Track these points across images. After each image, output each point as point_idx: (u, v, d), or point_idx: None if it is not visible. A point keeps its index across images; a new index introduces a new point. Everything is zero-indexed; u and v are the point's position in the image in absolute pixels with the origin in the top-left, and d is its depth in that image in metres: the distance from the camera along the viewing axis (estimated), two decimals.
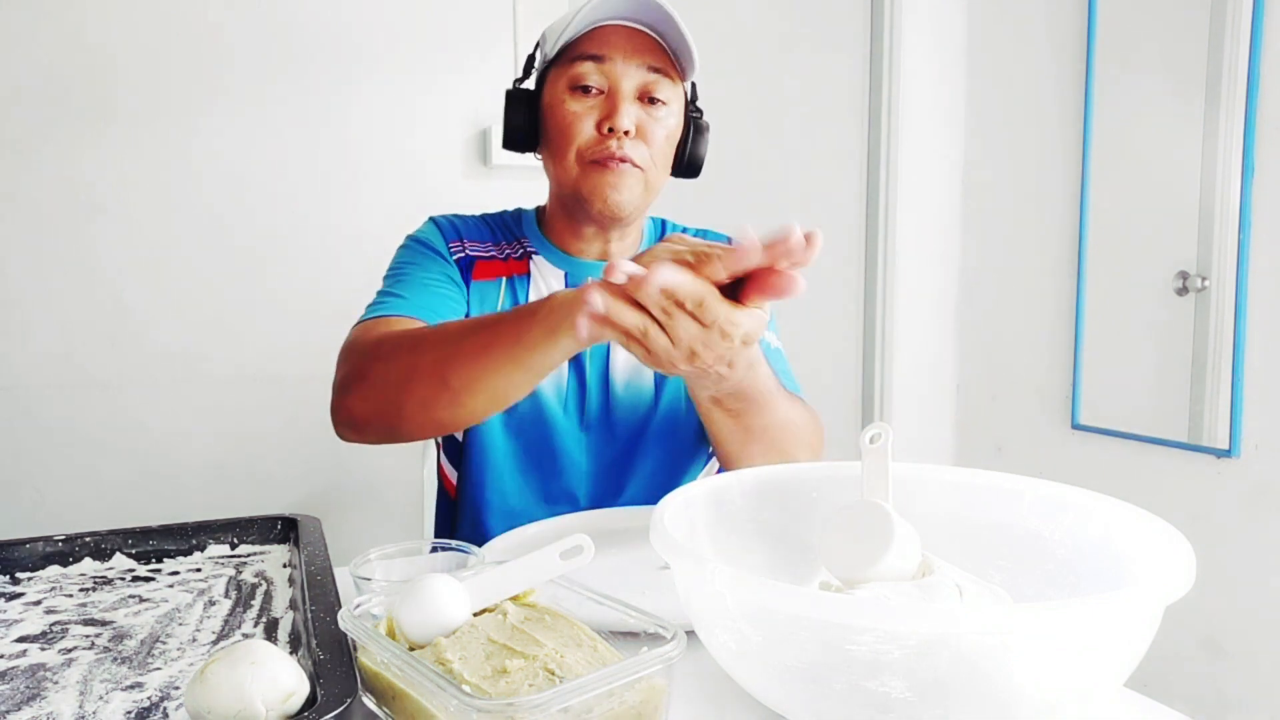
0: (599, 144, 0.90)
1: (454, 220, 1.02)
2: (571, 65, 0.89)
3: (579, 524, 0.89)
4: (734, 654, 0.49)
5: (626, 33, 0.88)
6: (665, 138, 0.93)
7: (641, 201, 0.94)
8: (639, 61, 0.89)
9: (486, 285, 0.98)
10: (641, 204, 0.94)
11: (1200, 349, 1.69)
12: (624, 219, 0.94)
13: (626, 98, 0.89)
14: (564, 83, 0.90)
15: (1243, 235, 1.59)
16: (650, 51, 0.89)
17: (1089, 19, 1.85)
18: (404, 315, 0.87)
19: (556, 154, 0.93)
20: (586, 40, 0.88)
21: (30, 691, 0.50)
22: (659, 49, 0.90)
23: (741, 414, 0.79)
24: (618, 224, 0.96)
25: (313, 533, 0.73)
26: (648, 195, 0.95)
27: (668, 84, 0.91)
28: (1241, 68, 1.59)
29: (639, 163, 0.91)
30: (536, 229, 1.03)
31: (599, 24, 0.88)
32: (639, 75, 0.90)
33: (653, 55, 0.90)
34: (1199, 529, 1.49)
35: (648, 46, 0.89)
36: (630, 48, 0.89)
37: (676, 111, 0.94)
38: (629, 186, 0.91)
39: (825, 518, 0.61)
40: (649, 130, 0.91)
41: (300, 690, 0.45)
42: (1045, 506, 0.61)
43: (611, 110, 0.89)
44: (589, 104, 0.90)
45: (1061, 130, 1.94)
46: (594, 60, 0.88)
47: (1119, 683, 0.48)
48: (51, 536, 0.71)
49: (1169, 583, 0.44)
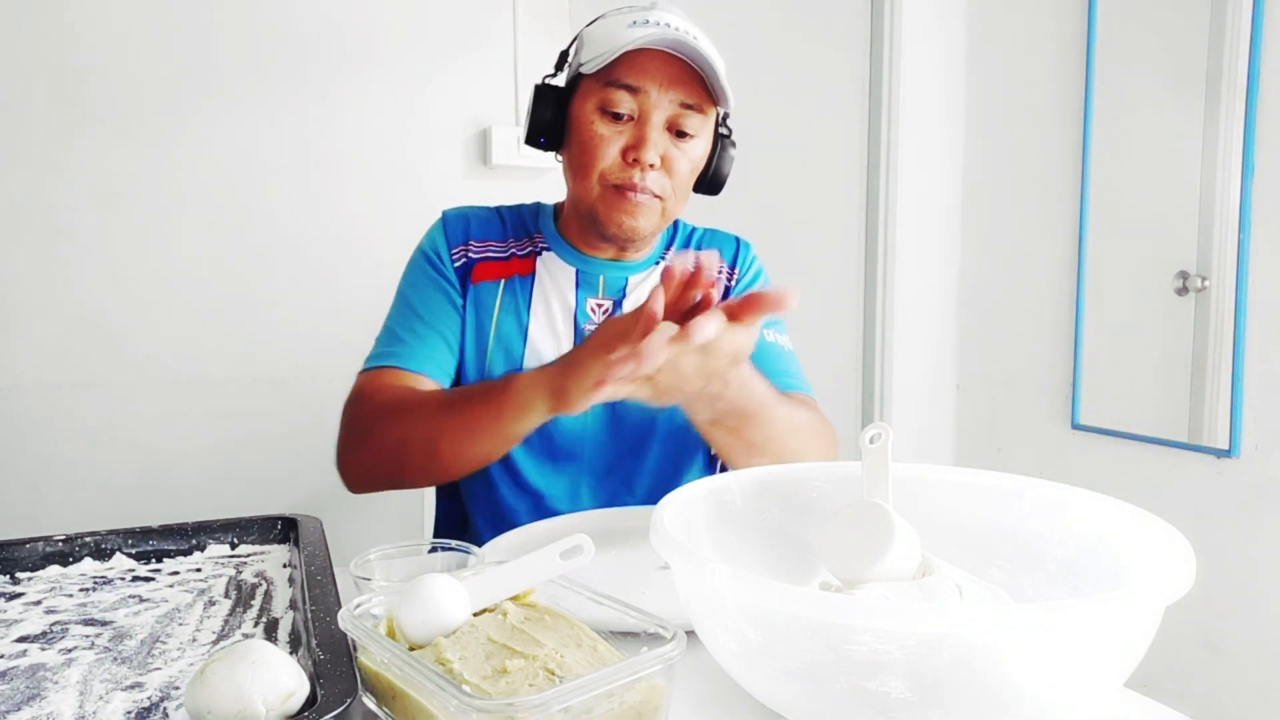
0: (622, 171, 0.89)
1: (466, 216, 1.02)
2: (605, 89, 0.88)
3: (579, 524, 0.89)
4: (734, 654, 0.49)
5: (664, 60, 0.87)
6: (690, 170, 0.93)
7: (657, 227, 0.95)
8: (673, 94, 0.88)
9: (484, 288, 0.99)
10: (658, 229, 0.96)
11: (1200, 349, 1.69)
12: (637, 243, 0.97)
13: (656, 129, 0.88)
14: (595, 102, 0.89)
15: (1243, 235, 1.59)
16: (686, 84, 0.88)
17: (1089, 19, 1.85)
18: (404, 369, 0.93)
19: (579, 171, 0.92)
20: (625, 66, 0.87)
21: (30, 691, 0.50)
22: (695, 81, 0.88)
23: (740, 429, 0.80)
24: (630, 246, 0.98)
25: (313, 533, 0.73)
26: (664, 222, 0.96)
27: (698, 118, 0.91)
28: (1241, 68, 1.58)
29: (659, 193, 0.91)
30: (553, 225, 1.03)
31: (639, 46, 0.86)
32: (670, 108, 0.89)
33: (687, 89, 0.88)
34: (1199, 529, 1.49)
35: (684, 78, 0.88)
36: (666, 78, 0.87)
37: (704, 141, 0.94)
38: (646, 215, 0.92)
39: (825, 518, 0.61)
40: (674, 163, 0.91)
41: (300, 690, 0.45)
42: (1045, 506, 0.61)
43: (640, 141, 0.88)
44: (618, 129, 0.89)
45: (1061, 130, 1.94)
46: (628, 90, 0.87)
47: (1119, 683, 0.48)
48: (51, 536, 0.71)
49: (1169, 583, 0.44)
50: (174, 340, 1.53)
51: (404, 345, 0.95)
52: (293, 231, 1.60)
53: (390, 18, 1.64)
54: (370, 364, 0.95)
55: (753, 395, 0.76)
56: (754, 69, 2.01)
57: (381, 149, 1.65)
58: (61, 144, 1.43)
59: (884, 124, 2.15)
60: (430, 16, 1.67)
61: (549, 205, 1.06)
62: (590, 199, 0.92)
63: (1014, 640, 0.43)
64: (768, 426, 0.80)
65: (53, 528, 0.74)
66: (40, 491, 1.45)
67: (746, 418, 0.78)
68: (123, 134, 1.47)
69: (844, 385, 2.24)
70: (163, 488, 1.52)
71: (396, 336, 0.96)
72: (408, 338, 0.95)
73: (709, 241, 1.09)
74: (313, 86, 1.59)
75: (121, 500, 1.49)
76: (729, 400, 0.73)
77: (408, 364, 0.93)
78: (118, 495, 1.49)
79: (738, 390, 0.73)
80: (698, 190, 0.99)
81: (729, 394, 0.72)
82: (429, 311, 0.97)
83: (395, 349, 0.95)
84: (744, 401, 0.75)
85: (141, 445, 1.51)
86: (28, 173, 1.42)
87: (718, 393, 0.71)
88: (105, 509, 1.48)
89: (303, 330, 1.60)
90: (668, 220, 0.96)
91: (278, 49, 1.56)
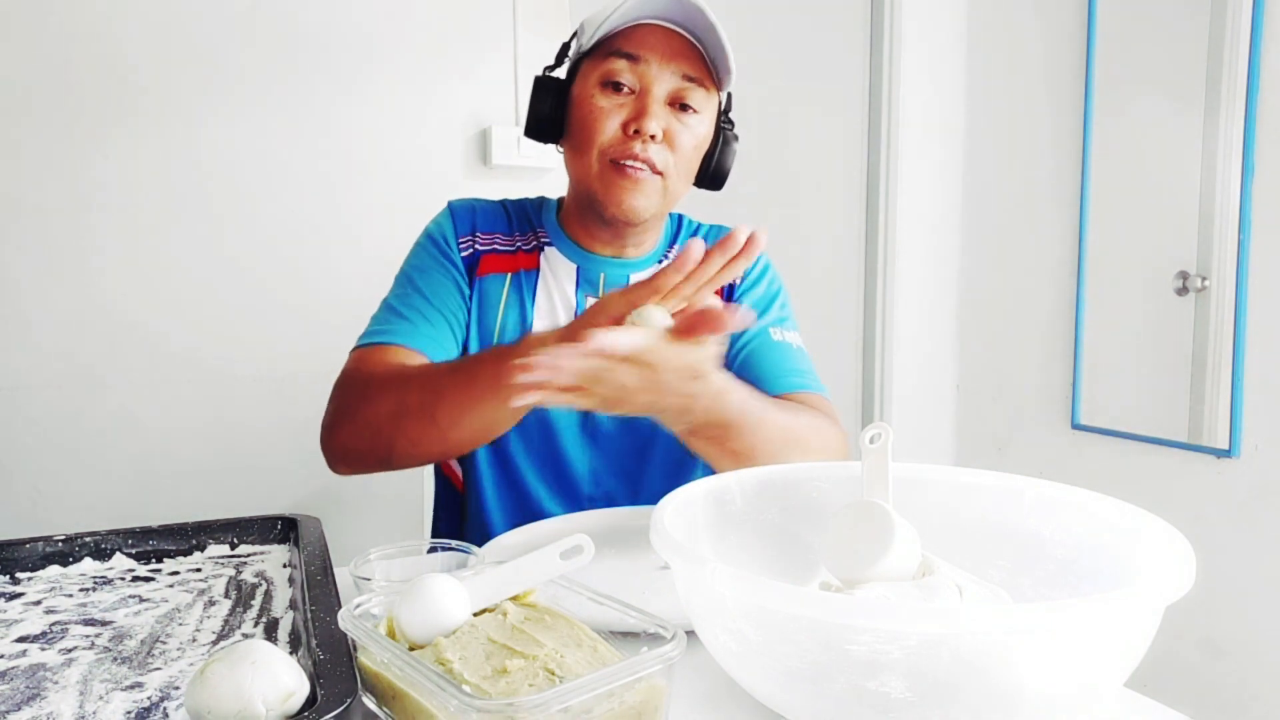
0: (623, 144, 0.88)
1: (473, 207, 1.01)
2: (605, 60, 0.87)
3: (579, 524, 0.89)
4: (734, 654, 0.49)
5: (665, 34, 0.86)
6: (693, 147, 0.92)
7: (658, 209, 0.93)
8: (674, 67, 0.87)
9: (491, 281, 0.97)
10: (658, 211, 0.94)
11: (1200, 349, 1.69)
12: (637, 225, 0.94)
13: (657, 101, 0.87)
14: (595, 77, 0.88)
15: (1243, 235, 1.59)
16: (687, 57, 0.87)
17: (1089, 19, 1.85)
18: (402, 346, 0.88)
19: (579, 149, 0.91)
20: (624, 37, 0.86)
21: (30, 691, 0.50)
22: (696, 56, 0.87)
23: (722, 439, 0.77)
24: (630, 229, 0.95)
25: (313, 533, 0.73)
26: (665, 203, 0.93)
27: (701, 93, 0.89)
28: (1241, 68, 1.58)
29: (660, 168, 0.89)
30: (555, 220, 1.02)
31: (639, 21, 0.85)
32: (672, 81, 0.88)
33: (689, 62, 0.87)
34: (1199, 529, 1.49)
35: (685, 51, 0.87)
36: (667, 51, 0.86)
37: (708, 120, 0.92)
38: (646, 193, 0.90)
39: (825, 518, 0.61)
40: (676, 137, 0.89)
41: (300, 690, 0.45)
42: (1045, 506, 0.61)
43: (640, 112, 0.87)
44: (618, 102, 0.88)
45: (1061, 131, 1.94)
46: (628, 59, 0.86)
47: (1119, 683, 0.48)
48: (51, 536, 0.71)
49: (1169, 583, 0.44)
50: (174, 340, 1.53)
51: (405, 323, 0.90)
52: (293, 231, 1.60)
53: (390, 18, 1.64)
54: (366, 340, 0.90)
55: (729, 406, 0.74)
56: (754, 69, 2.01)
57: (382, 149, 1.65)
58: (62, 144, 1.43)
59: (884, 124, 2.15)
60: (430, 16, 1.67)
61: (552, 199, 1.05)
62: (590, 178, 0.91)
63: (1014, 640, 0.43)
64: (750, 435, 0.77)
65: (53, 528, 0.74)
66: (40, 491, 1.45)
67: (725, 428, 0.75)
68: (123, 135, 1.47)
69: (844, 385, 2.24)
70: (163, 488, 1.52)
71: (397, 313, 0.92)
72: (410, 315, 0.91)
73: (715, 238, 1.08)
74: (312, 86, 1.59)
75: (121, 500, 1.49)
76: (701, 412, 0.71)
77: (408, 341, 0.89)
78: (118, 495, 1.49)
79: (709, 403, 0.71)
80: (699, 185, 0.98)
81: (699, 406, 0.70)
82: (434, 293, 0.94)
83: (395, 325, 0.90)
84: (719, 413, 0.73)
85: (142, 445, 1.51)
86: (29, 173, 1.42)
87: (684, 406, 0.69)
88: (105, 509, 1.48)
89: (304, 330, 1.60)
90: (669, 202, 0.94)
91: (278, 49, 1.56)
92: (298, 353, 1.60)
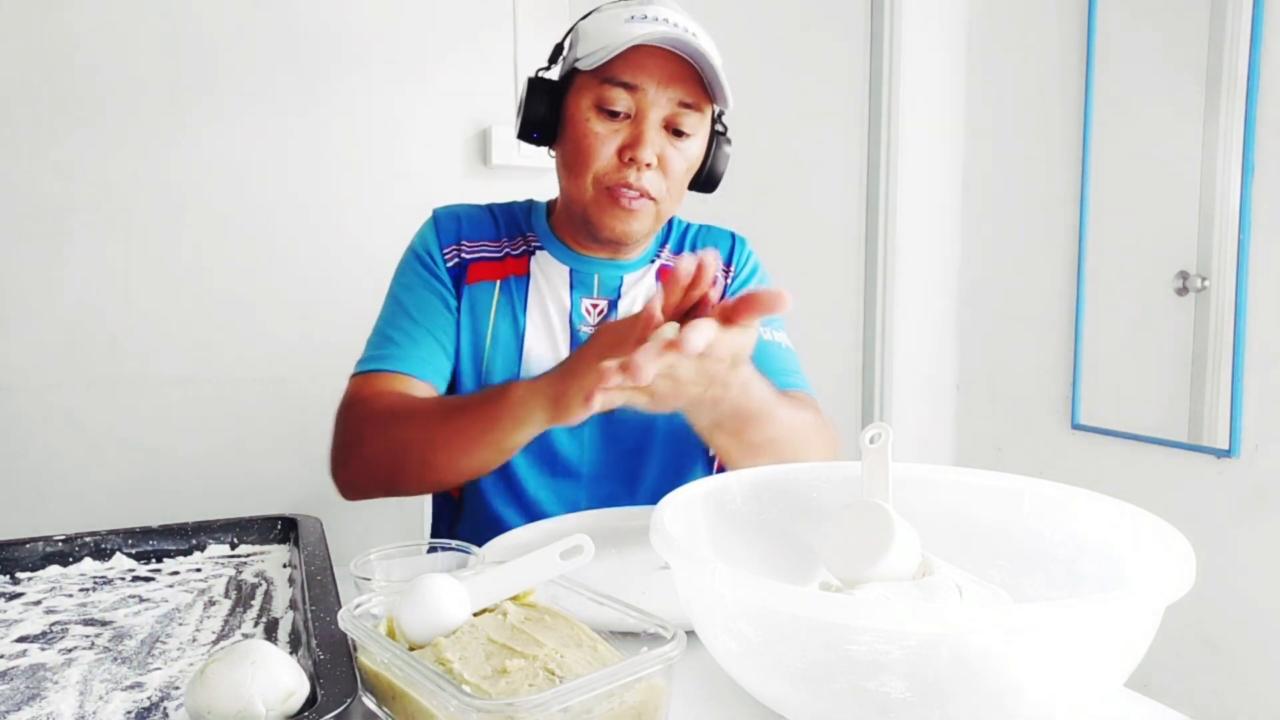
0: (618, 171, 0.88)
1: (458, 215, 1.01)
2: (602, 87, 0.87)
3: (579, 524, 0.89)
4: (734, 654, 0.49)
5: (663, 58, 0.85)
6: (685, 170, 0.92)
7: (651, 229, 0.94)
8: (671, 93, 0.87)
9: (480, 289, 0.97)
10: (651, 230, 0.95)
11: (1200, 349, 1.69)
12: (629, 246, 0.96)
13: (653, 127, 0.87)
14: (591, 99, 0.88)
15: (1243, 235, 1.59)
16: (684, 81, 0.87)
17: (1089, 18, 1.85)
18: (398, 372, 0.91)
19: (573, 171, 0.91)
20: (622, 63, 0.85)
21: (30, 691, 0.50)
22: (693, 79, 0.87)
23: (741, 432, 0.78)
24: (622, 249, 0.97)
25: (313, 533, 0.73)
26: (657, 224, 0.95)
27: (696, 117, 0.89)
28: (1241, 68, 1.59)
29: (654, 194, 0.90)
30: (546, 223, 1.02)
31: (637, 43, 0.84)
32: (669, 107, 0.88)
33: (685, 87, 0.87)
34: (1199, 529, 1.50)
35: (682, 75, 0.86)
36: (664, 76, 0.86)
37: (701, 140, 0.93)
38: (640, 218, 0.91)
39: (825, 518, 0.61)
40: (669, 163, 0.89)
41: (300, 690, 0.45)
42: (1045, 506, 0.61)
43: (636, 140, 0.87)
44: (614, 128, 0.88)
45: (1061, 130, 1.94)
46: (625, 87, 0.86)
47: (1119, 683, 0.48)
48: (51, 536, 0.71)
49: (1169, 583, 0.44)
50: (174, 340, 1.53)
51: (397, 348, 0.93)
52: (293, 231, 1.60)
53: (390, 17, 1.64)
54: (361, 368, 0.93)
55: (753, 397, 0.75)
56: (754, 69, 2.01)
57: (381, 149, 1.65)
58: (61, 144, 1.43)
59: (884, 123, 2.15)
60: (430, 16, 1.67)
61: (541, 202, 1.05)
62: (583, 201, 0.91)
63: (1014, 640, 0.43)
64: (769, 428, 0.79)
65: (53, 528, 0.74)
66: (40, 491, 1.45)
67: (748, 420, 0.76)
68: (123, 134, 1.47)
69: (844, 385, 2.24)
70: (163, 488, 1.52)
71: (388, 338, 0.94)
72: (400, 340, 0.93)
73: (704, 238, 1.08)
74: (312, 86, 1.59)
75: (121, 500, 1.49)
76: (730, 403, 0.72)
77: (400, 367, 0.91)
78: (118, 495, 1.49)
79: (739, 393, 0.72)
80: (693, 188, 0.98)
81: (730, 397, 0.71)
82: (421, 313, 0.95)
83: (388, 351, 0.93)
84: (745, 404, 0.74)
85: (141, 445, 1.51)
86: (28, 173, 1.42)
87: (718, 396, 0.70)
88: (105, 509, 1.48)
89: (303, 330, 1.60)
90: (661, 222, 0.95)
91: (277, 49, 1.56)
92: (298, 353, 1.60)
